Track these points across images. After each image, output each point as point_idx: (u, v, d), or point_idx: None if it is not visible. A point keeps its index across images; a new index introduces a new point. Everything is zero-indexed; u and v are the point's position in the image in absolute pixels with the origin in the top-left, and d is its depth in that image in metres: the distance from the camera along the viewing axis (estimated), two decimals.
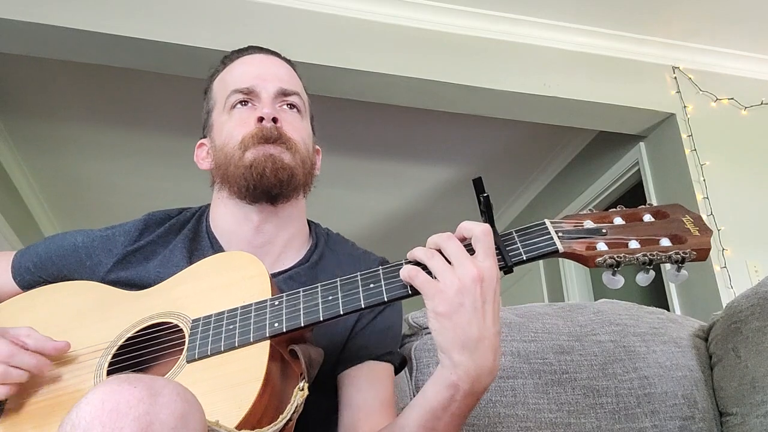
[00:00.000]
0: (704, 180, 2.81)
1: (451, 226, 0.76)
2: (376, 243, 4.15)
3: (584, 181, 3.60)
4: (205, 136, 1.06)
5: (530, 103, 2.91)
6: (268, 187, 0.93)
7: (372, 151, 3.74)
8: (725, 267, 2.64)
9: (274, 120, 0.94)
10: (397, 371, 1.00)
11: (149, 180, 3.98)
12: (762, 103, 3.07)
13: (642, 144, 3.15)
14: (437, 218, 4.51)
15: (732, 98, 3.06)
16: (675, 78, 3.06)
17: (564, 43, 2.98)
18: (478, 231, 0.73)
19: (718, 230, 2.70)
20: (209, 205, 1.06)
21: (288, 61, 1.07)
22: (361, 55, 2.68)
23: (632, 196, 3.35)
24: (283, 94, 1.00)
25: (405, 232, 4.65)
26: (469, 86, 2.79)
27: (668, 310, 1.97)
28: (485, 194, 0.76)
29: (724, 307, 1.26)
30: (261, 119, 0.94)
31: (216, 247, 0.99)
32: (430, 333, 1.21)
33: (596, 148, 3.52)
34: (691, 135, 2.91)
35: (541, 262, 3.99)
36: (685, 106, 2.99)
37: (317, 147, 1.06)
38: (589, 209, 0.78)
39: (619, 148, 3.31)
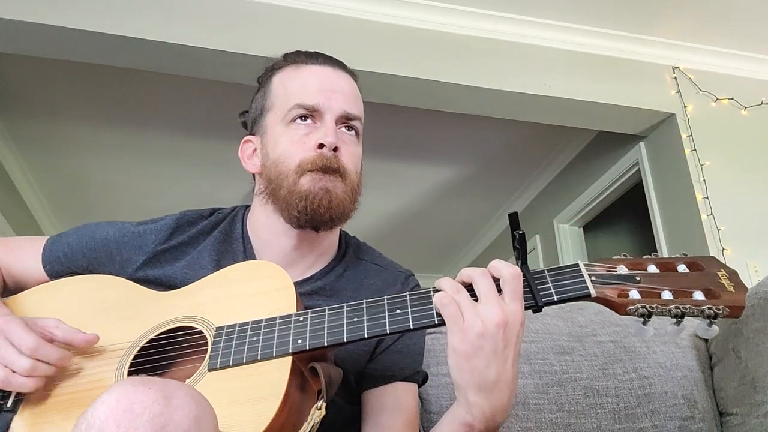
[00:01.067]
0: (704, 180, 2.81)
1: (451, 226, 0.76)
2: (377, 243, 4.15)
3: (584, 181, 3.60)
4: (253, 133, 1.02)
5: (530, 103, 2.91)
6: (318, 222, 0.92)
7: (372, 151, 3.73)
8: None
9: (335, 149, 0.93)
10: (419, 386, 1.00)
11: (150, 179, 3.98)
12: (762, 103, 3.07)
13: (642, 144, 3.15)
14: (437, 218, 4.51)
15: (732, 98, 3.06)
16: (675, 78, 3.06)
17: (564, 43, 2.98)
18: (507, 273, 0.71)
19: (718, 230, 2.70)
20: (245, 207, 1.05)
21: (353, 76, 1.05)
22: (361, 55, 2.68)
23: (632, 196, 3.36)
24: (347, 117, 0.98)
25: (405, 232, 4.65)
26: (469, 86, 2.79)
27: None
28: (521, 231, 0.74)
29: None
30: (321, 146, 0.92)
31: (248, 252, 0.99)
32: (430, 333, 1.22)
33: (596, 148, 3.52)
34: (691, 135, 2.91)
35: (540, 258, 3.99)
36: (685, 106, 2.99)
37: (361, 162, 1.05)
38: (623, 254, 0.77)
39: (619, 148, 3.31)
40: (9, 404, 0.79)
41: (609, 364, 1.20)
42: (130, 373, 0.80)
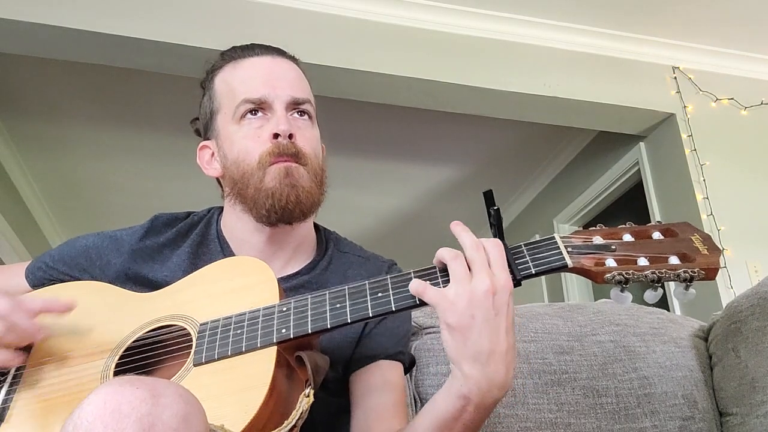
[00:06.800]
0: (704, 180, 2.81)
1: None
2: (377, 243, 4.15)
3: (584, 181, 3.60)
4: (207, 138, 1.02)
5: (530, 103, 2.91)
6: (289, 217, 0.93)
7: (372, 151, 3.74)
8: (725, 267, 2.64)
9: (290, 136, 0.92)
10: (406, 371, 1.00)
11: (149, 180, 3.98)
12: (762, 103, 3.07)
13: (642, 144, 3.15)
14: (438, 218, 4.50)
15: (732, 98, 3.06)
16: (675, 78, 3.06)
17: (564, 43, 2.98)
18: (489, 245, 0.73)
19: (718, 230, 2.70)
20: (218, 209, 1.05)
21: (293, 60, 1.04)
22: (361, 55, 2.68)
23: (632, 196, 3.35)
24: (295, 103, 0.97)
25: (405, 232, 4.65)
26: (469, 86, 2.79)
27: (668, 310, 1.97)
28: (496, 207, 0.75)
29: (724, 307, 1.26)
30: (276, 135, 0.92)
31: (226, 252, 0.99)
32: (429, 333, 1.22)
33: (596, 148, 3.52)
34: (691, 135, 2.91)
35: None
36: (685, 106, 2.99)
37: (322, 145, 1.05)
38: (599, 225, 0.78)
39: (619, 148, 3.31)
40: None
41: (609, 363, 1.20)
42: (116, 374, 0.79)
